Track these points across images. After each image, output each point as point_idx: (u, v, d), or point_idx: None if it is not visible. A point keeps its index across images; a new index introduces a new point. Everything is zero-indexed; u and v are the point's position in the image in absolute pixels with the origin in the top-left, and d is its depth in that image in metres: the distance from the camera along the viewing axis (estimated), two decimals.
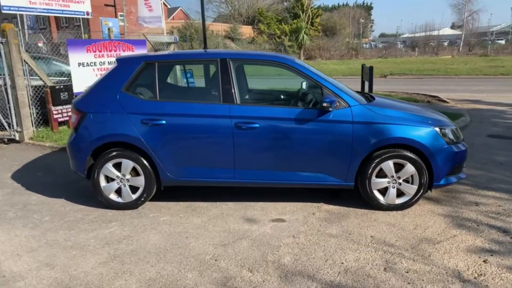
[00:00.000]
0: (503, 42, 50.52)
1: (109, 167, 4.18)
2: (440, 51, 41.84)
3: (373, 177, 4.07)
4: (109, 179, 4.23)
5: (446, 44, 54.28)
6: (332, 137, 4.00)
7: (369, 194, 4.10)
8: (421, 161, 4.00)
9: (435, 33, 54.13)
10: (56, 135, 7.56)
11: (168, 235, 3.69)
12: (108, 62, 8.75)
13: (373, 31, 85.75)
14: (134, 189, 4.24)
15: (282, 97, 4.35)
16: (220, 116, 4.03)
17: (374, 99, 4.48)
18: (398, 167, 4.06)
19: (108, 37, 10.18)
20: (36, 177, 5.45)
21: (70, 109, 7.92)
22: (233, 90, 4.07)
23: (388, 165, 4.03)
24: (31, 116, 7.61)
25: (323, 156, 4.05)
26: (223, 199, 4.48)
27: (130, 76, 4.18)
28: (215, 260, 3.23)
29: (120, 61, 4.30)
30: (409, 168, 4.01)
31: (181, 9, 51.80)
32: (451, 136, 4.13)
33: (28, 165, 6.07)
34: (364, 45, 54.37)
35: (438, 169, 4.03)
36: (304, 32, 29.31)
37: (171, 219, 4.02)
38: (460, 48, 42.11)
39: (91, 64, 8.40)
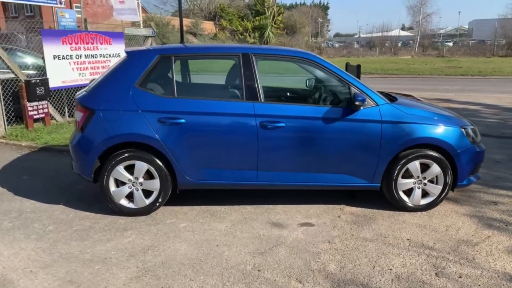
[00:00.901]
0: (450, 44, 53.21)
1: (121, 169, 3.82)
2: (397, 51, 43.28)
3: (399, 178, 3.97)
4: (119, 183, 3.87)
5: (400, 44, 56.47)
6: (360, 137, 3.87)
7: (395, 195, 4.01)
8: (446, 161, 3.95)
9: (391, 33, 56.11)
10: (32, 133, 6.95)
11: (195, 243, 3.40)
12: (85, 55, 8.20)
13: (329, 30, 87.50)
14: (147, 193, 3.91)
15: (303, 94, 4.15)
16: (244, 114, 3.78)
17: (396, 98, 4.39)
18: (423, 168, 3.99)
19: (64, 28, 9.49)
20: (22, 181, 4.93)
21: (45, 106, 7.34)
22: (257, 87, 3.83)
23: (415, 166, 3.95)
24: (2, 113, 6.94)
25: (350, 157, 3.91)
26: (240, 202, 4.23)
27: (144, 71, 3.83)
28: (258, 270, 3.00)
29: (132, 53, 3.93)
30: (435, 169, 3.96)
31: (137, 2, 50.14)
32: (473, 136, 4.12)
33: (7, 167, 5.50)
34: (323, 44, 55.33)
35: (462, 169, 4.00)
36: (269, 29, 29.21)
37: (192, 226, 3.73)
38: (416, 49, 43.77)
39: (67, 57, 7.84)
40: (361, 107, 3.79)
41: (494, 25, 45.71)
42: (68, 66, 7.88)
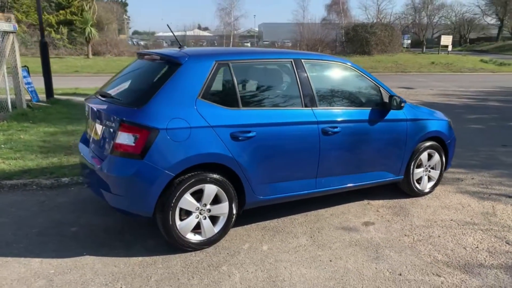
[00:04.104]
0: (249, 44, 58.74)
1: (188, 197, 3.21)
2: None
3: (415, 168, 4.52)
4: (182, 214, 3.25)
5: (204, 44, 59.13)
6: (393, 135, 4.23)
7: (412, 184, 4.54)
8: (442, 149, 4.69)
9: (190, 33, 57.96)
10: None
11: (307, 263, 3.17)
12: None
13: (130, 28, 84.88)
14: (212, 220, 3.40)
15: (346, 98, 4.18)
16: (308, 122, 3.67)
17: None
18: (428, 157, 4.63)
19: None
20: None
21: None
22: (313, 93, 3.76)
23: (425, 156, 4.56)
24: None
25: (387, 154, 4.24)
26: (281, 214, 4.05)
27: (204, 80, 3.28)
28: (399, 274, 3.05)
29: (188, 60, 3.29)
30: (437, 157, 4.65)
31: None
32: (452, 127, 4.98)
33: None
34: (130, 42, 53.37)
35: (450, 155, 4.82)
36: (91, 25, 26.50)
37: (272, 246, 3.42)
38: None
39: None
40: (401, 108, 4.14)
41: (281, 29, 52.49)
42: None
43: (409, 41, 57.21)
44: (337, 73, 4.15)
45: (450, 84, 17.72)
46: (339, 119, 3.83)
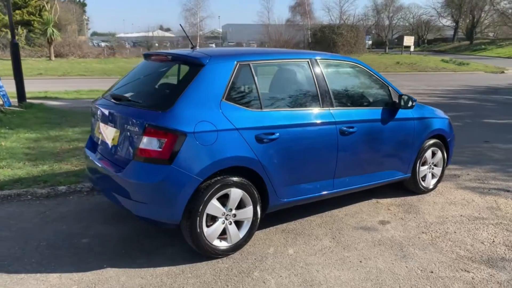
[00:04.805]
0: (213, 45, 58.62)
1: (215, 203, 3.10)
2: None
3: (420, 166, 4.59)
4: (208, 220, 3.14)
5: (168, 45, 58.45)
6: (403, 134, 4.28)
7: (418, 181, 4.61)
8: (444, 147, 4.80)
9: (151, 34, 57.04)
10: None
11: (342, 265, 3.14)
12: None
13: (89, 29, 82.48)
14: (236, 225, 3.31)
15: (358, 98, 4.18)
16: (327, 123, 3.64)
17: None
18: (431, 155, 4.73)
19: None
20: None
21: None
22: (329, 93, 3.74)
23: (429, 154, 4.64)
24: None
25: (397, 153, 4.29)
26: (296, 216, 4.01)
27: (227, 81, 3.18)
28: (431, 272, 3.07)
29: (210, 61, 3.17)
30: (440, 154, 4.75)
31: None
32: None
33: None
34: (90, 44, 51.91)
35: (450, 152, 4.94)
36: (52, 26, 25.41)
37: (299, 249, 3.37)
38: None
39: None
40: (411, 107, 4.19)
41: (246, 30, 52.59)
42: None
43: (370, 42, 58.89)
44: (349, 72, 4.16)
45: (418, 83, 18.30)
46: (354, 119, 3.83)
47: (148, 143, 2.91)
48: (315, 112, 3.61)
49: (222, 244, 3.21)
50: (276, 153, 3.33)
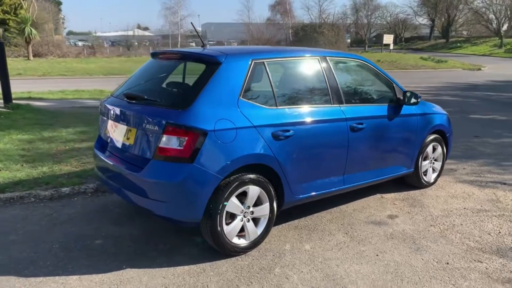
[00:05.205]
0: (193, 44, 58.31)
1: (235, 200, 3.11)
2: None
3: (422, 161, 4.70)
4: (227, 218, 3.14)
5: (147, 44, 57.84)
6: (408, 129, 4.37)
7: (420, 176, 4.71)
8: (443, 142, 4.92)
9: (129, 33, 56.34)
10: None
11: (361, 260, 3.19)
12: None
13: (65, 28, 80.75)
14: (254, 222, 3.32)
15: (365, 94, 4.23)
16: (338, 119, 3.69)
17: None
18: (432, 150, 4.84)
19: None
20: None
21: None
22: (339, 90, 3.78)
23: (430, 149, 4.75)
24: None
25: (402, 148, 4.37)
26: (306, 213, 4.04)
27: (243, 79, 3.19)
28: (447, 263, 3.15)
29: (227, 59, 3.17)
30: (440, 149, 4.87)
31: None
32: None
33: None
34: (67, 43, 50.88)
35: (449, 147, 5.07)
36: (30, 25, 24.76)
37: (314, 244, 3.41)
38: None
39: None
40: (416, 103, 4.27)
41: (226, 28, 52.45)
42: None
43: (349, 40, 59.54)
44: (357, 70, 4.22)
45: (401, 80, 18.37)
46: (363, 116, 3.89)
47: (168, 141, 2.89)
48: (326, 109, 3.65)
49: (241, 242, 3.22)
50: (291, 150, 3.35)
